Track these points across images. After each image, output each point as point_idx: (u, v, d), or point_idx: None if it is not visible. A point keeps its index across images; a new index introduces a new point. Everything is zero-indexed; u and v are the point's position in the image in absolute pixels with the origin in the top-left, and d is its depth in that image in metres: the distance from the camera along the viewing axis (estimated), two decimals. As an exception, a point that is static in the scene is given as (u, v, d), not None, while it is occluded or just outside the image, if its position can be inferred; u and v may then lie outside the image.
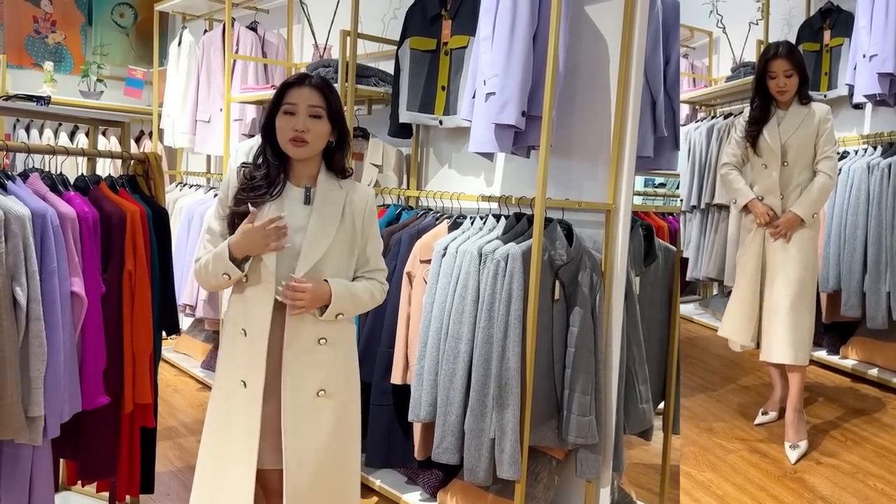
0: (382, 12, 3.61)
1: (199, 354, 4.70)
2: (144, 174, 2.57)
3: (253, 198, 1.90)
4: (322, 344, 1.92)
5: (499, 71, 2.48)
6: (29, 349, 1.97)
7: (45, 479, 2.21)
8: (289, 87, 1.91)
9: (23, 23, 5.29)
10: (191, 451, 3.37)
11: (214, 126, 4.46)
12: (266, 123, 1.93)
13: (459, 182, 3.15)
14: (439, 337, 2.55)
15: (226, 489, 1.93)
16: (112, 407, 2.29)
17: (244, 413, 1.91)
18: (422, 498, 2.89)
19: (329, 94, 1.92)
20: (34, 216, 2.01)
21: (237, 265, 1.87)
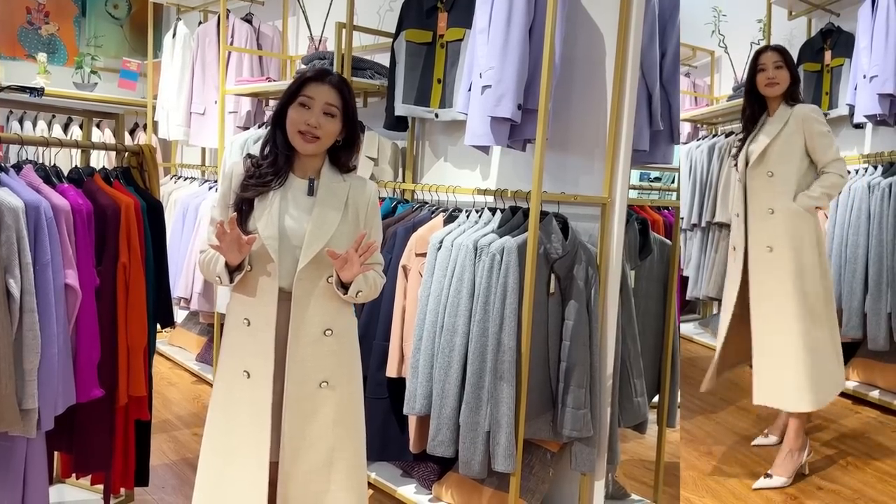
0: (378, 4, 3.60)
1: (194, 347, 4.69)
2: (139, 166, 2.57)
3: (259, 184, 1.90)
4: (328, 335, 1.92)
5: (495, 64, 2.47)
6: (23, 341, 1.96)
7: (39, 472, 2.20)
8: (308, 80, 1.90)
9: (16, 14, 5.25)
10: (186, 444, 3.37)
11: (209, 118, 4.45)
12: (279, 112, 1.93)
13: (455, 175, 3.14)
14: (435, 330, 2.55)
15: (235, 483, 1.92)
16: (106, 399, 2.29)
17: (248, 404, 1.91)
18: (417, 491, 2.90)
19: (347, 95, 1.92)
20: (28, 208, 2.00)
21: (231, 272, 1.89)
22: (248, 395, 1.91)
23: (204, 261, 1.96)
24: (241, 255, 1.84)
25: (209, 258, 1.94)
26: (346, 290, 1.91)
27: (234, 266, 1.89)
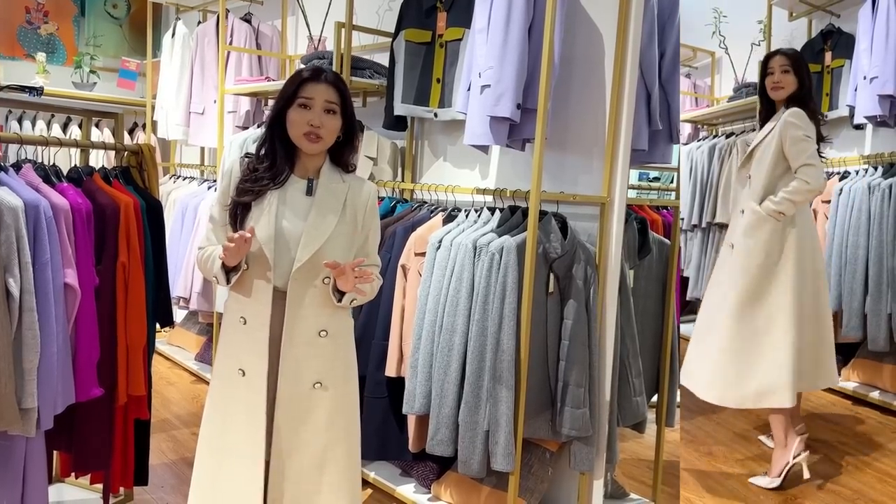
0: (377, 4, 3.60)
1: (193, 347, 4.69)
2: (138, 166, 2.56)
3: (256, 188, 1.90)
4: (323, 336, 1.93)
5: (494, 63, 2.47)
6: (22, 340, 1.96)
7: (38, 471, 2.20)
8: (305, 81, 1.90)
9: (15, 13, 5.25)
10: (185, 443, 3.37)
11: (208, 118, 4.45)
12: (276, 115, 1.92)
13: (454, 175, 3.15)
14: (434, 329, 2.55)
15: (231, 481, 1.93)
16: (106, 399, 2.29)
17: (244, 402, 1.91)
18: (416, 490, 2.90)
19: (344, 91, 1.93)
20: (27, 207, 2.00)
21: (227, 272, 1.89)
22: (244, 393, 1.91)
23: (202, 258, 1.97)
24: (239, 256, 1.85)
25: (207, 256, 1.95)
26: (341, 296, 1.92)
27: (230, 266, 1.89)
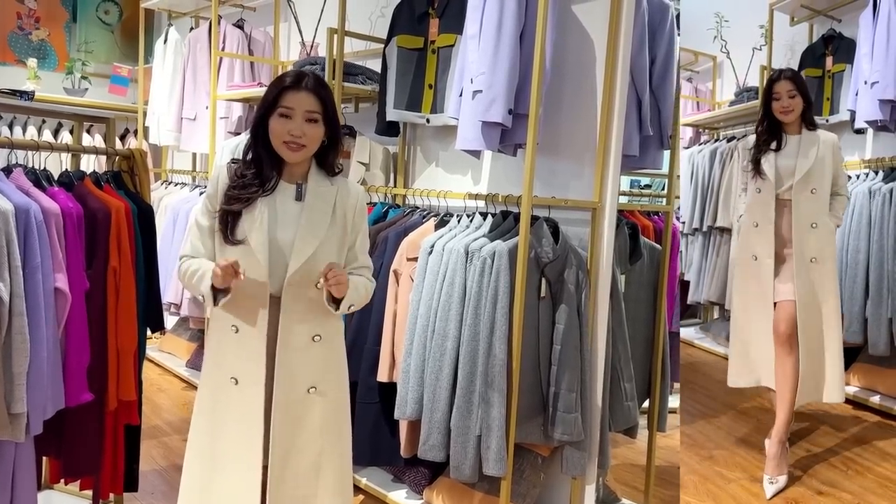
0: (370, 10, 3.61)
1: (184, 353, 4.67)
2: (129, 171, 2.56)
3: (244, 196, 1.88)
4: (316, 341, 1.92)
5: (485, 69, 2.48)
6: (12, 345, 1.95)
7: (27, 477, 2.19)
8: (286, 89, 1.86)
9: (6, 19, 5.24)
10: (175, 450, 3.35)
11: (200, 124, 4.44)
12: (258, 123, 1.89)
13: (446, 180, 3.15)
14: (426, 334, 2.55)
15: (225, 488, 1.91)
16: (96, 404, 2.27)
17: (237, 410, 1.90)
18: (408, 496, 2.89)
19: (326, 97, 1.89)
20: (17, 211, 1.99)
21: (215, 294, 1.86)
22: (237, 401, 1.90)
23: (187, 271, 1.92)
24: (227, 283, 1.81)
25: (193, 271, 1.90)
26: (336, 305, 1.91)
27: (220, 288, 1.85)
